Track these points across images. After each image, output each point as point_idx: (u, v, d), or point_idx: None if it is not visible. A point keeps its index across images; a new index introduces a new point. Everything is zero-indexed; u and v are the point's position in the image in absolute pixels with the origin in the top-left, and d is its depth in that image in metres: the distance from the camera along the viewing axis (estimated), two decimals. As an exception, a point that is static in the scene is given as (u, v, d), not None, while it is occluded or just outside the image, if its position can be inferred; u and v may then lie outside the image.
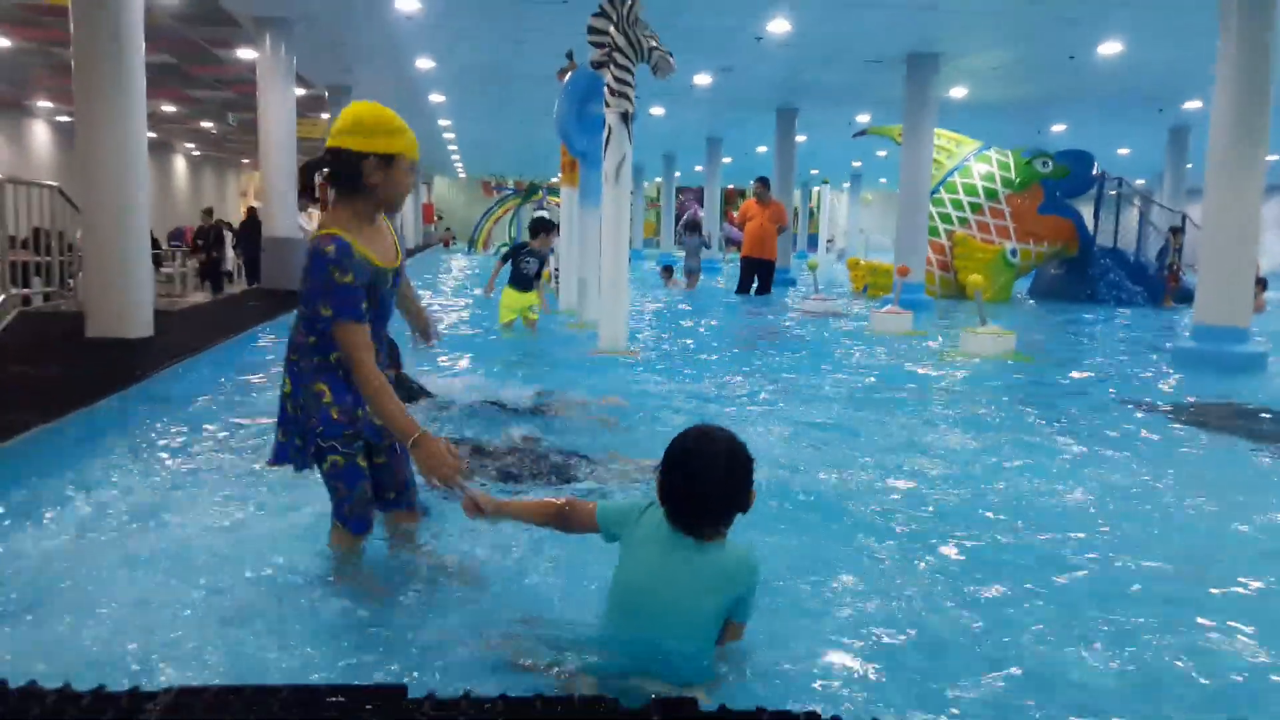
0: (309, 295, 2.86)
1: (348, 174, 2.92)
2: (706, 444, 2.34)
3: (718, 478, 2.30)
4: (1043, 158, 17.72)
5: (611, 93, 8.59)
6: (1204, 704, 2.48)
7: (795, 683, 2.44)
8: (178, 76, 18.81)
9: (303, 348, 2.98)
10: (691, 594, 2.31)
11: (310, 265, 2.83)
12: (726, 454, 2.32)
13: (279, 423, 3.05)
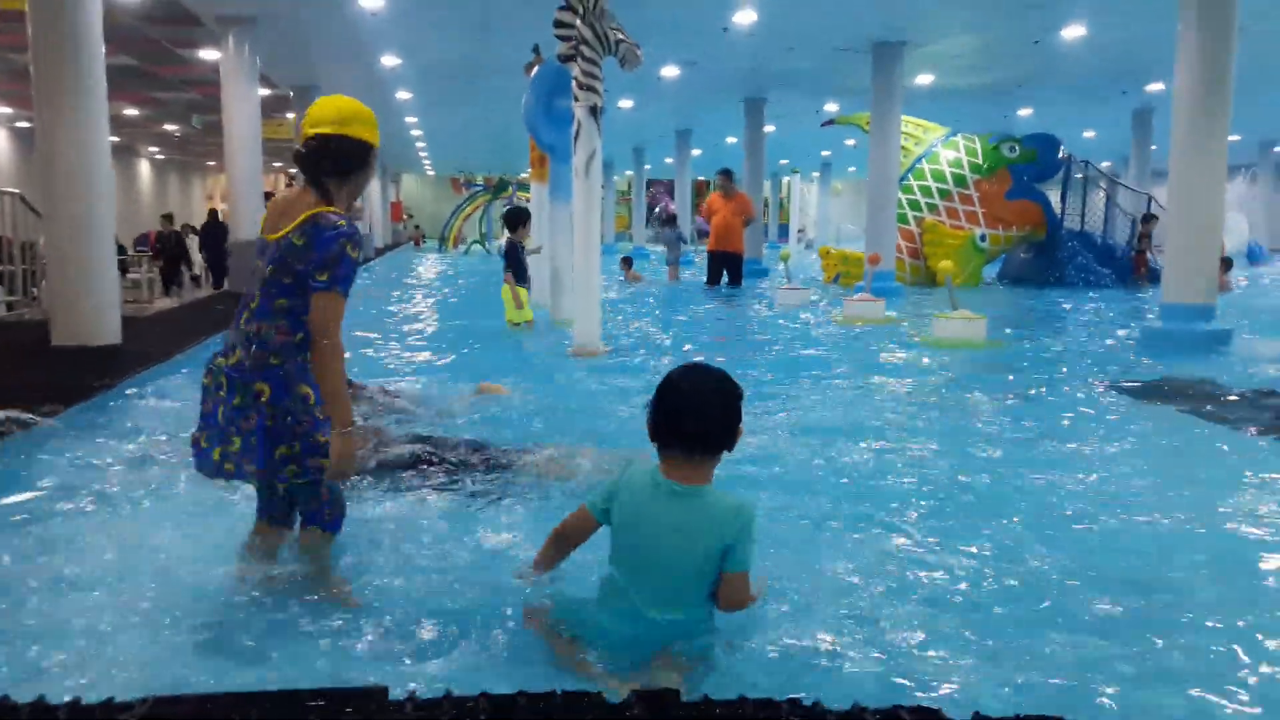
0: (308, 268, 2.82)
1: (358, 163, 3.01)
2: (696, 373, 2.52)
3: (706, 401, 2.45)
4: (1010, 143, 17.83)
5: (579, 86, 8.56)
6: (1166, 676, 2.51)
7: (778, 669, 2.45)
8: (140, 78, 18.57)
9: (286, 348, 2.90)
10: (679, 539, 2.41)
11: (324, 238, 2.83)
12: (717, 380, 2.50)
13: (247, 432, 2.87)
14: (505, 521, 3.69)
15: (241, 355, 2.90)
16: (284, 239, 2.88)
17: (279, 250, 2.88)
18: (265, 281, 2.91)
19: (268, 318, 2.90)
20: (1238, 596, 3.07)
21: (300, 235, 2.85)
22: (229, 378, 2.90)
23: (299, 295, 2.87)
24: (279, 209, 2.99)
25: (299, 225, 2.87)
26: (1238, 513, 3.97)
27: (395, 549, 3.36)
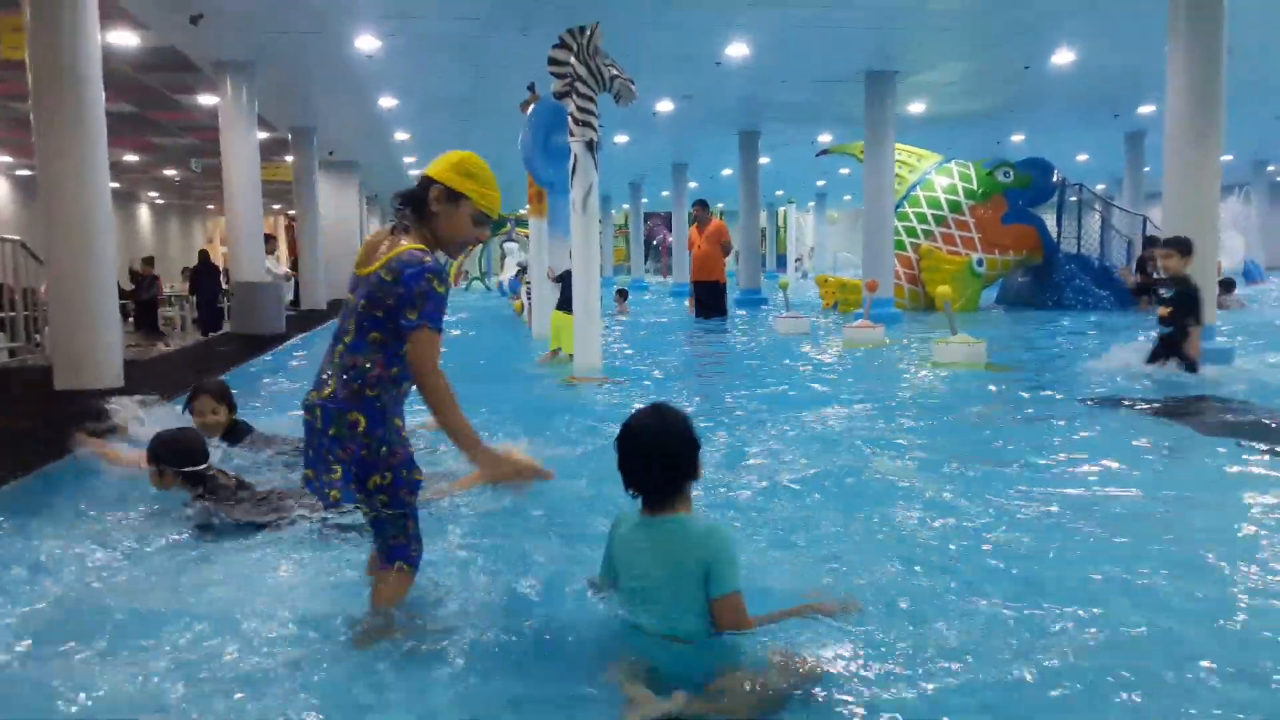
0: (398, 305, 2.87)
1: (418, 198, 3.05)
2: (645, 418, 2.69)
3: (649, 448, 2.61)
4: (1004, 168, 17.95)
5: (575, 122, 8.65)
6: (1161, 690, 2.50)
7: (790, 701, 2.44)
8: (139, 124, 18.74)
9: (381, 381, 2.93)
10: (658, 563, 2.57)
11: (406, 275, 2.86)
12: (661, 425, 2.65)
13: (338, 463, 2.91)
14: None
15: (335, 387, 2.94)
16: (374, 274, 2.95)
17: (369, 286, 2.94)
18: (358, 315, 2.96)
19: (361, 351, 2.95)
20: None
21: (388, 271, 2.90)
22: (323, 409, 2.94)
23: (390, 329, 2.91)
24: (371, 245, 3.07)
25: (387, 262, 2.93)
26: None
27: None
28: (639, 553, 2.63)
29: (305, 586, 3.42)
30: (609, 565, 2.75)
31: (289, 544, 3.86)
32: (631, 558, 2.65)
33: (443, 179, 3.03)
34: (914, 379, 8.90)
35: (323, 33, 11.97)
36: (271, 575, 3.55)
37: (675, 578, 2.55)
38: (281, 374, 10.33)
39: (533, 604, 3.15)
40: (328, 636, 2.91)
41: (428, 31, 12.02)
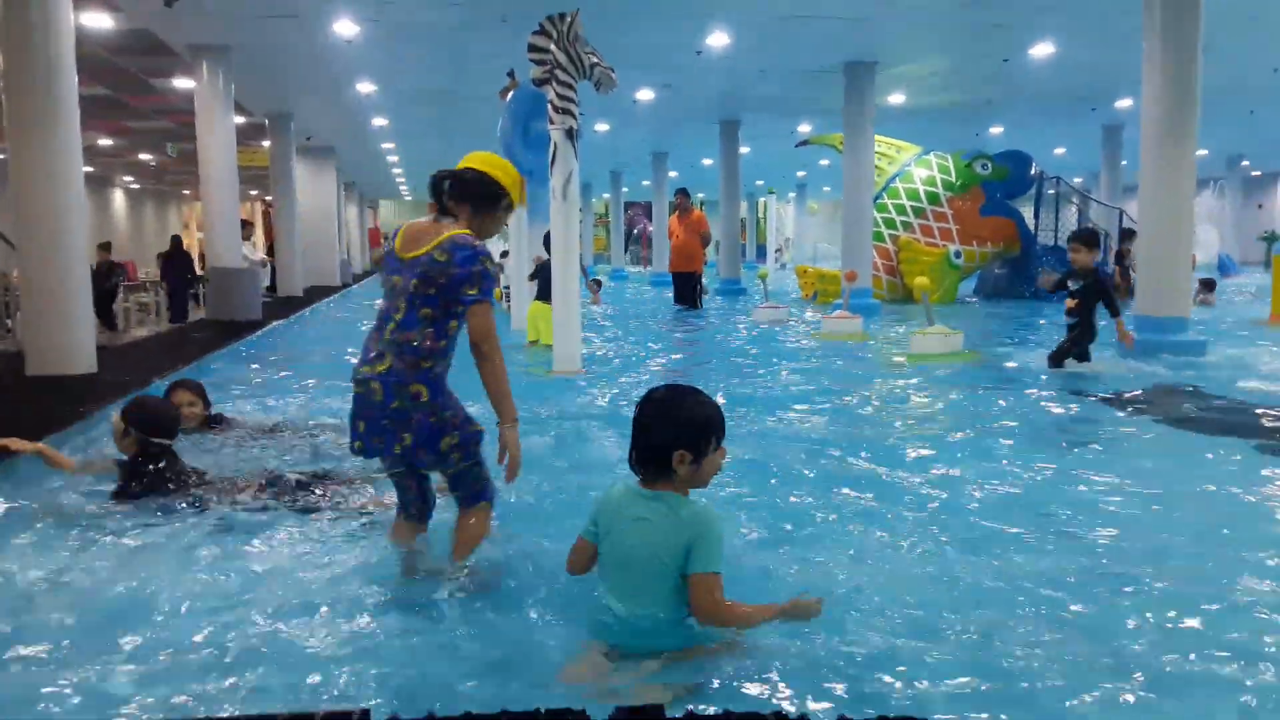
0: (452, 284, 3.18)
1: (490, 201, 3.39)
2: (660, 388, 2.75)
3: (651, 411, 2.66)
4: (982, 160, 18.04)
5: (555, 110, 8.61)
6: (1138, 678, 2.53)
7: (766, 681, 2.45)
8: (113, 108, 18.52)
9: (435, 353, 3.24)
10: (642, 533, 2.59)
11: (462, 256, 3.19)
12: (669, 394, 2.70)
13: (416, 428, 3.20)
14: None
15: (392, 362, 3.21)
16: (425, 255, 3.22)
17: (421, 267, 3.21)
18: (409, 295, 3.22)
19: (414, 327, 3.22)
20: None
21: (442, 253, 3.20)
22: (384, 384, 3.20)
23: (441, 306, 3.22)
24: (416, 232, 3.33)
25: (440, 244, 3.22)
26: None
27: (360, 572, 3.35)
28: (623, 520, 2.65)
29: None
30: (593, 525, 2.76)
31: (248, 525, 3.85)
32: (614, 524, 2.68)
33: (511, 192, 3.43)
34: (888, 369, 8.94)
35: (300, 16, 11.86)
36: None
37: (653, 556, 2.55)
38: (257, 361, 10.25)
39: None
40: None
41: (407, 19, 11.93)
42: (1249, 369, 8.52)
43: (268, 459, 5.08)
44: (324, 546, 3.67)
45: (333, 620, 2.93)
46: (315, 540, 3.76)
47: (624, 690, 2.39)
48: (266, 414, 6.46)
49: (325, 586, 3.23)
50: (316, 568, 3.43)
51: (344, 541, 3.72)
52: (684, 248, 16.31)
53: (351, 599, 3.11)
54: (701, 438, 2.61)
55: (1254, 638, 2.78)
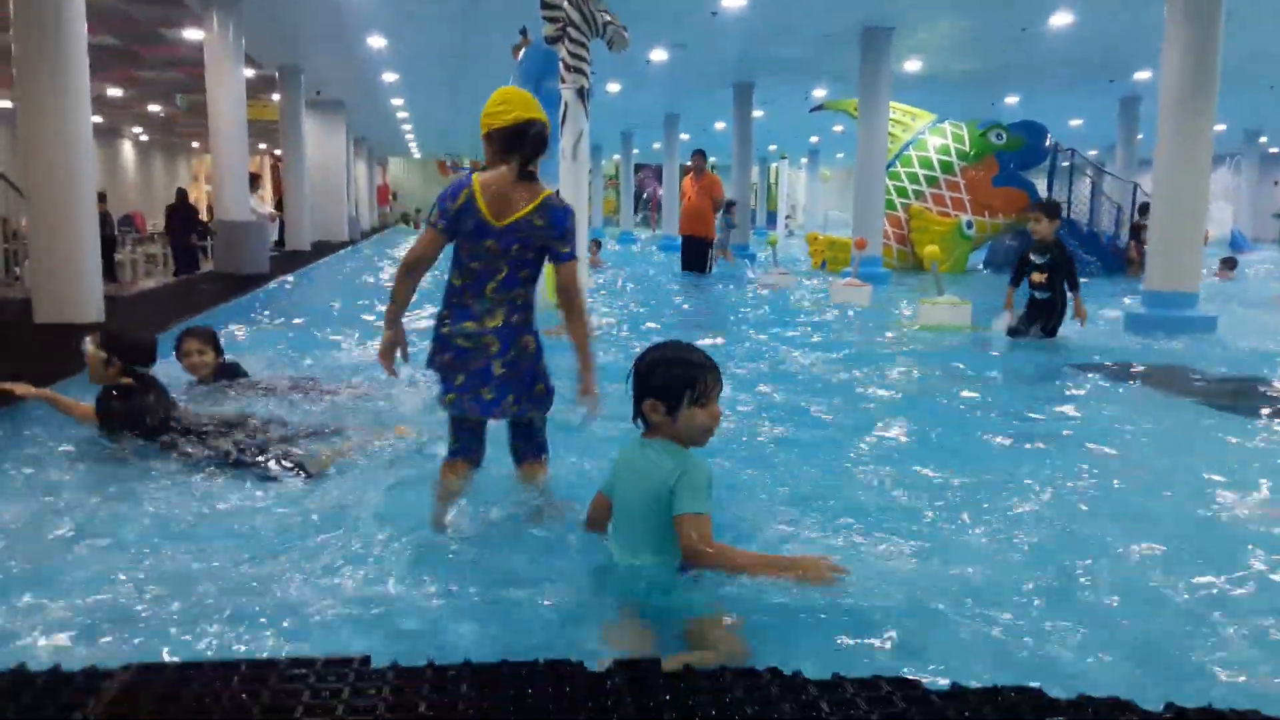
0: (554, 239, 3.43)
1: (546, 142, 3.55)
2: (660, 344, 2.87)
3: (639, 362, 2.79)
4: (997, 129, 17.85)
5: (567, 68, 8.54)
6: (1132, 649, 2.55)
7: (761, 639, 2.47)
8: (123, 58, 18.39)
9: (531, 308, 3.52)
10: (634, 478, 2.72)
11: (561, 216, 3.45)
12: (655, 345, 2.84)
13: (523, 375, 3.44)
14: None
15: (504, 317, 3.42)
16: (523, 221, 3.40)
17: (521, 232, 3.40)
18: (510, 258, 3.42)
19: (518, 285, 3.46)
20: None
21: (540, 217, 3.40)
22: (499, 337, 3.41)
23: (536, 265, 3.50)
24: (500, 194, 3.40)
25: (536, 208, 3.40)
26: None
27: (363, 523, 3.38)
28: (626, 471, 2.78)
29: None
30: (610, 475, 2.90)
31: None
32: (619, 475, 2.81)
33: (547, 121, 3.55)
34: (897, 338, 8.91)
35: (312, -32, 11.74)
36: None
37: (645, 503, 2.65)
38: (264, 313, 10.26)
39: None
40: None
41: (419, -30, 11.80)
42: (1254, 347, 8.49)
43: (275, 411, 5.09)
44: (324, 495, 3.70)
45: (338, 569, 2.96)
46: (317, 490, 3.78)
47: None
48: (270, 369, 6.46)
49: (331, 536, 3.25)
50: (318, 513, 3.45)
51: (345, 491, 3.74)
52: (696, 210, 15.95)
53: (357, 549, 3.13)
54: (671, 388, 2.68)
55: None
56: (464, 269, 3.47)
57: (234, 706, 1.69)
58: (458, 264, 3.51)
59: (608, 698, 1.77)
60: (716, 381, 2.73)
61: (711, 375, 2.72)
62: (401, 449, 4.42)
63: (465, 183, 3.50)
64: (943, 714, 1.71)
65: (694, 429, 2.71)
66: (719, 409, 2.74)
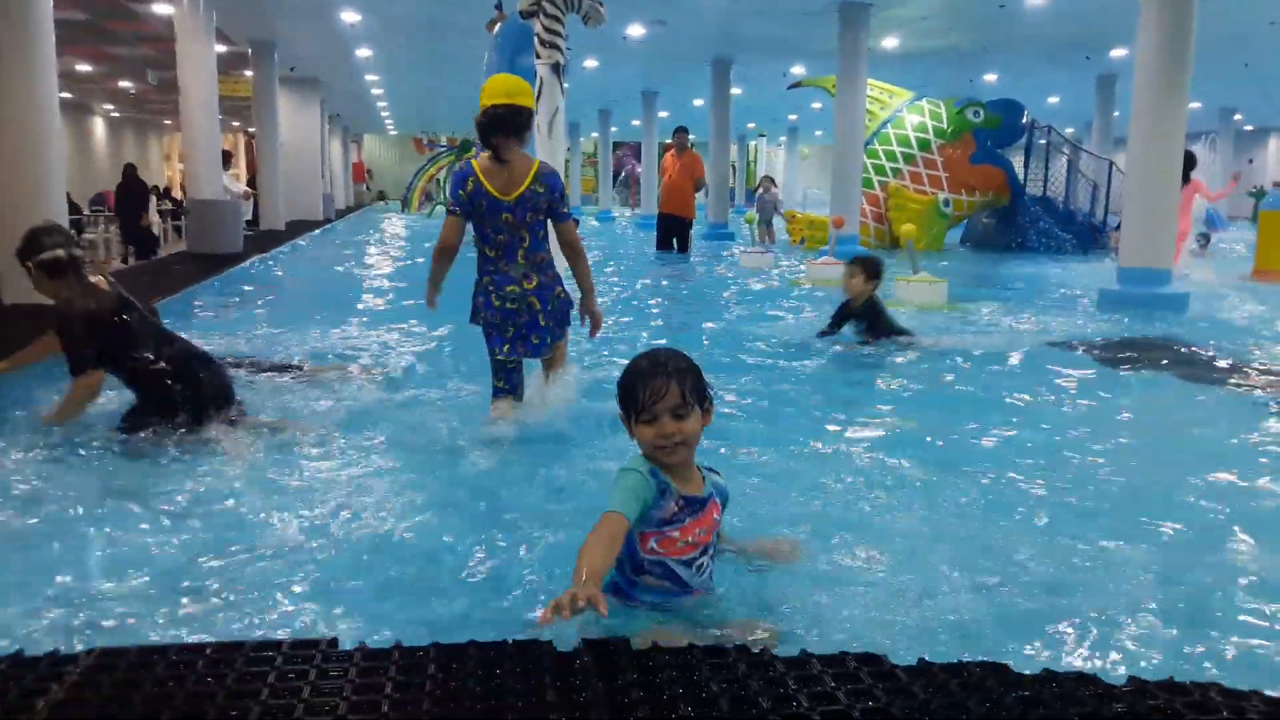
0: (552, 204, 4.27)
1: (528, 123, 4.31)
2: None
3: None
4: (974, 107, 17.86)
5: (542, 44, 8.46)
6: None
7: (727, 619, 2.48)
8: (91, 33, 18.07)
9: (552, 260, 4.42)
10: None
11: (554, 181, 4.30)
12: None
13: (558, 322, 4.46)
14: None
15: (539, 279, 4.32)
16: (528, 191, 4.20)
17: (530, 201, 4.21)
18: (529, 225, 4.25)
19: (540, 248, 4.32)
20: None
21: (539, 184, 4.23)
22: (539, 296, 4.32)
23: (545, 224, 4.32)
24: (496, 173, 4.18)
25: (534, 178, 4.21)
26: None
27: (333, 505, 3.36)
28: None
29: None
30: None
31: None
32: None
33: (529, 104, 4.28)
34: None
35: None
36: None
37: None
38: (237, 294, 10.17)
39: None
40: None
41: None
42: (1222, 322, 8.57)
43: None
44: (279, 474, 3.68)
45: (303, 551, 2.94)
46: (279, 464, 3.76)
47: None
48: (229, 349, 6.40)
49: (299, 512, 3.23)
50: (280, 493, 3.44)
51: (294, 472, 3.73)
52: (676, 188, 15.77)
53: (325, 525, 3.12)
54: (620, 402, 2.40)
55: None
56: (492, 242, 4.25)
57: (198, 690, 1.68)
58: (485, 239, 4.26)
59: (576, 677, 1.77)
60: (660, 394, 2.30)
61: (654, 386, 2.30)
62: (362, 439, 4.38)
63: (468, 171, 4.20)
64: (909, 689, 1.72)
65: (644, 446, 2.37)
66: (670, 425, 2.30)
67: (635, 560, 2.38)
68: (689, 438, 2.34)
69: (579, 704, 1.67)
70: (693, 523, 2.39)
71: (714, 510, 2.46)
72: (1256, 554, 3.06)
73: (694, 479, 2.43)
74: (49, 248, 4.09)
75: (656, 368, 2.33)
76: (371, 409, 4.85)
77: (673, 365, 2.34)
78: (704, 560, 2.44)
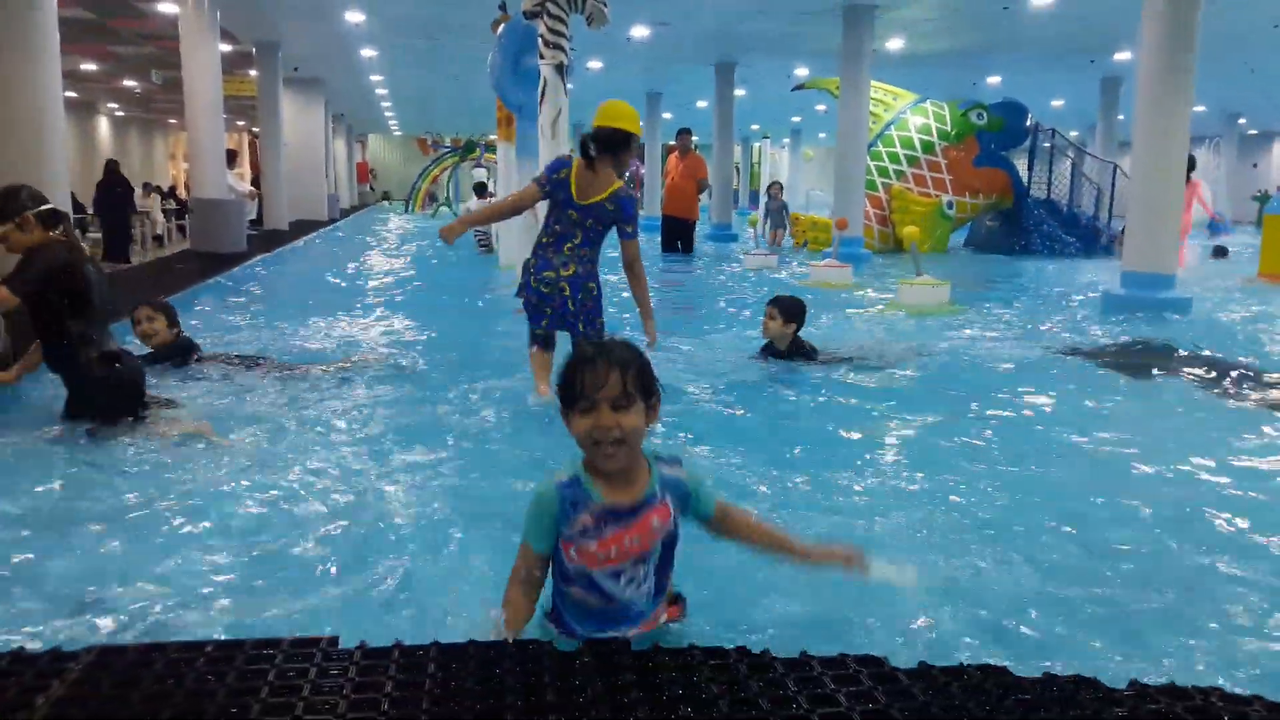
0: (621, 221, 4.81)
1: (623, 144, 4.76)
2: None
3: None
4: (978, 109, 17.84)
5: (545, 44, 8.44)
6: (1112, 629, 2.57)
7: (726, 619, 2.47)
8: (97, 32, 18.08)
9: (597, 262, 4.91)
10: None
11: (627, 202, 4.81)
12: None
13: (588, 309, 4.87)
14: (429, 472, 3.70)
15: (576, 269, 4.79)
16: (599, 204, 4.75)
17: (597, 211, 4.76)
18: (585, 228, 4.79)
19: (591, 246, 4.85)
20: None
21: (612, 203, 4.77)
22: (570, 283, 4.80)
23: (603, 235, 4.87)
24: (584, 182, 4.74)
25: (610, 195, 4.76)
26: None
27: (335, 501, 3.36)
28: None
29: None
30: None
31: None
32: None
33: (631, 129, 4.76)
34: (875, 319, 8.93)
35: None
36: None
37: None
38: (242, 293, 10.18)
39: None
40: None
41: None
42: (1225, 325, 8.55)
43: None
44: (275, 470, 3.68)
45: (304, 549, 2.95)
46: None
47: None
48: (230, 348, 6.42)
49: (290, 515, 3.24)
50: (275, 489, 3.44)
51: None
52: (679, 190, 15.84)
53: (322, 530, 3.12)
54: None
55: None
56: (550, 230, 4.82)
57: (198, 688, 1.68)
58: (547, 225, 4.85)
59: (576, 677, 1.77)
60: (600, 383, 2.10)
61: (595, 374, 2.11)
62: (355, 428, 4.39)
63: (566, 163, 4.78)
64: (909, 691, 1.72)
65: (581, 442, 2.17)
66: (608, 417, 2.09)
67: (562, 568, 2.21)
68: (628, 435, 2.11)
69: (579, 704, 1.67)
70: (616, 534, 2.14)
71: (653, 516, 2.18)
72: (1260, 559, 3.06)
73: (633, 485, 2.19)
74: (41, 199, 4.14)
75: (600, 355, 2.14)
76: (366, 403, 4.88)
77: (617, 354, 2.14)
78: (639, 571, 2.19)
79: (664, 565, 2.25)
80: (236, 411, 4.64)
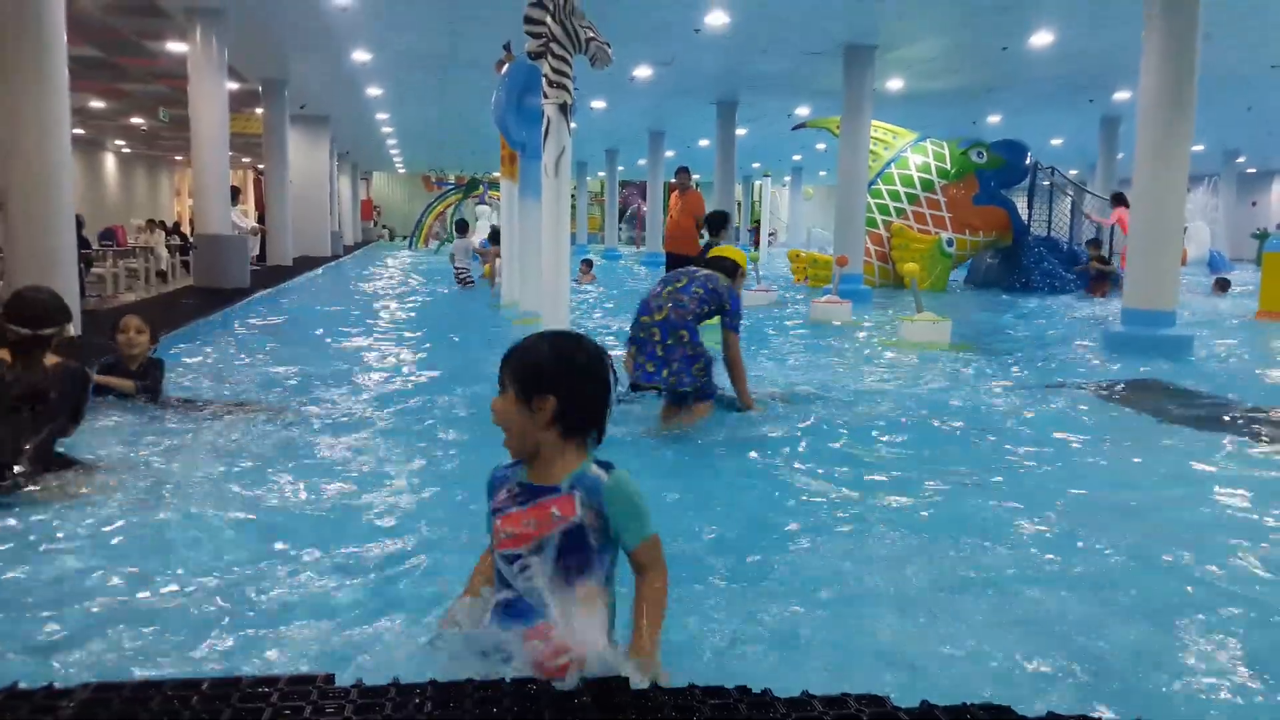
0: (724, 313, 5.36)
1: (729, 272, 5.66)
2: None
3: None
4: (978, 148, 17.99)
5: (549, 84, 8.53)
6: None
7: (726, 658, 2.46)
8: (105, 70, 18.31)
9: (693, 315, 5.24)
10: None
11: (733, 299, 5.37)
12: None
13: (681, 358, 5.14)
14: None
15: (669, 313, 5.16)
16: (703, 279, 5.41)
17: (696, 280, 5.38)
18: (684, 284, 5.35)
19: (686, 293, 5.24)
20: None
21: (723, 295, 5.34)
22: (660, 328, 5.14)
23: (702, 308, 5.28)
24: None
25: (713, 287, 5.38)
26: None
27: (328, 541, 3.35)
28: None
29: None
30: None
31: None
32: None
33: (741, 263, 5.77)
34: (876, 356, 8.93)
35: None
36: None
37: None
38: (241, 327, 10.21)
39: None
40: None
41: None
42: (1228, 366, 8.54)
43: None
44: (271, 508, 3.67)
45: (302, 585, 2.93)
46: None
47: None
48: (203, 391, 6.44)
49: (289, 552, 3.22)
50: (275, 529, 3.43)
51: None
52: (678, 228, 15.96)
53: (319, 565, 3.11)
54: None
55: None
56: (662, 276, 5.53)
57: (193, 725, 1.67)
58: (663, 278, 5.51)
59: (574, 715, 1.75)
60: (503, 370, 2.23)
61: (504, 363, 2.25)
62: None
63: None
64: (910, 732, 1.70)
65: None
66: (498, 402, 2.22)
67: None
68: (500, 419, 2.20)
69: (576, 743, 1.65)
70: (519, 513, 2.18)
71: (555, 505, 2.15)
72: (1263, 603, 3.03)
73: (550, 473, 2.20)
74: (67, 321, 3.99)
75: (514, 349, 2.25)
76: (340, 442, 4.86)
77: (519, 349, 2.23)
78: (531, 561, 2.14)
79: (568, 568, 2.13)
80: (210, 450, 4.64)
